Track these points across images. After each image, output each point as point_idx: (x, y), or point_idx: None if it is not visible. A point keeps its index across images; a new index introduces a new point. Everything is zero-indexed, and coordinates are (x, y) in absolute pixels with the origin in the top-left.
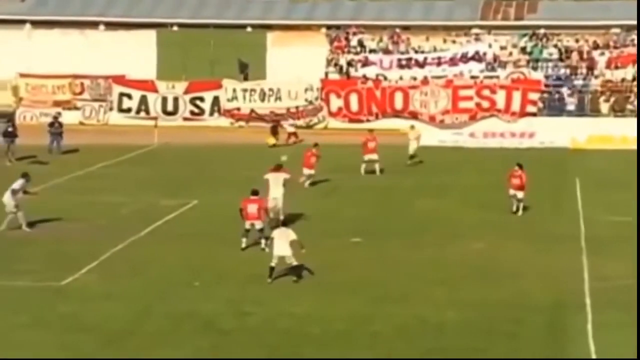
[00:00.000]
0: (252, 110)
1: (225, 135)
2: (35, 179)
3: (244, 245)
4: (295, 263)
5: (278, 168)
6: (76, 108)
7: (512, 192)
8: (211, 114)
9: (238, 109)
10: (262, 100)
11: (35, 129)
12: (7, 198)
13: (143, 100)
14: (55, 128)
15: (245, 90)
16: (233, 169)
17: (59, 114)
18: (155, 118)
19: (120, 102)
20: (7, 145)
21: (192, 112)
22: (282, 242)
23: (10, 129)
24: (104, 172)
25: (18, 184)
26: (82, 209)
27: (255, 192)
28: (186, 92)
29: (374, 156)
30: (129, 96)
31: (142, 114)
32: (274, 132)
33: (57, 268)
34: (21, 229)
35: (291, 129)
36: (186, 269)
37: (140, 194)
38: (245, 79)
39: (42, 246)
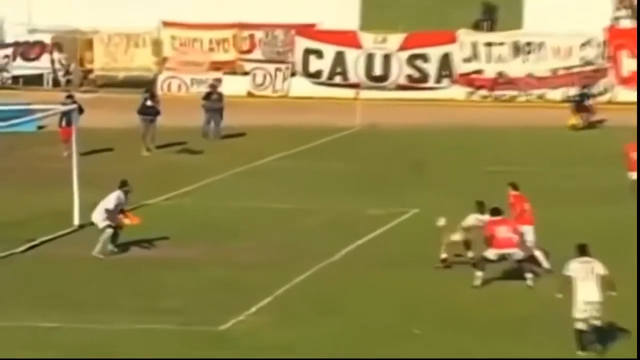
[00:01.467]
0: (500, 75)
1: (461, 111)
2: (184, 175)
3: (478, 282)
4: (598, 322)
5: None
6: (244, 73)
7: None
8: (439, 80)
9: (479, 72)
10: (516, 59)
11: (183, 102)
12: (99, 217)
13: (339, 59)
14: (213, 102)
15: (490, 45)
16: (471, 163)
17: (219, 81)
18: (356, 86)
19: (306, 62)
20: (145, 126)
21: (410, 78)
22: (589, 282)
23: (149, 103)
24: (281, 166)
25: (113, 200)
26: (249, 219)
27: (497, 212)
28: (402, 48)
29: None
30: (319, 54)
31: (338, 79)
32: (580, 108)
33: (215, 306)
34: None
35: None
36: (399, 309)
37: (333, 199)
38: (492, 29)
39: (194, 274)
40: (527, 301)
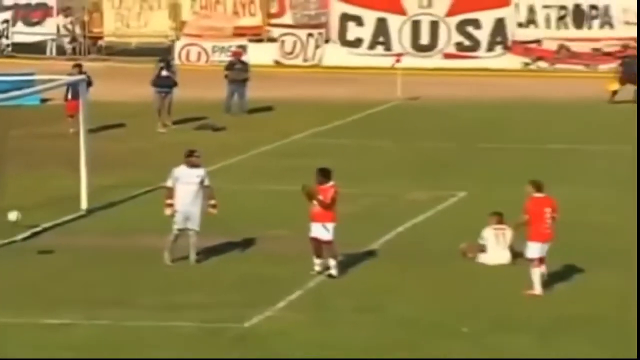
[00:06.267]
0: (562, 47)
1: (515, 84)
2: (204, 154)
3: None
4: None
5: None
6: (270, 40)
7: None
8: (491, 48)
9: (537, 42)
10: (579, 26)
11: (203, 72)
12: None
13: (381, 27)
14: (237, 72)
15: (548, 8)
16: (528, 140)
17: (243, 49)
18: (398, 55)
19: (343, 29)
20: (161, 99)
21: (459, 46)
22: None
23: (164, 74)
24: (313, 145)
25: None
26: (278, 204)
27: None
28: (450, 13)
29: None
30: (358, 20)
31: (379, 49)
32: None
33: (239, 301)
34: None
35: None
36: (444, 307)
37: (371, 182)
38: None
39: (218, 266)
40: (587, 299)
